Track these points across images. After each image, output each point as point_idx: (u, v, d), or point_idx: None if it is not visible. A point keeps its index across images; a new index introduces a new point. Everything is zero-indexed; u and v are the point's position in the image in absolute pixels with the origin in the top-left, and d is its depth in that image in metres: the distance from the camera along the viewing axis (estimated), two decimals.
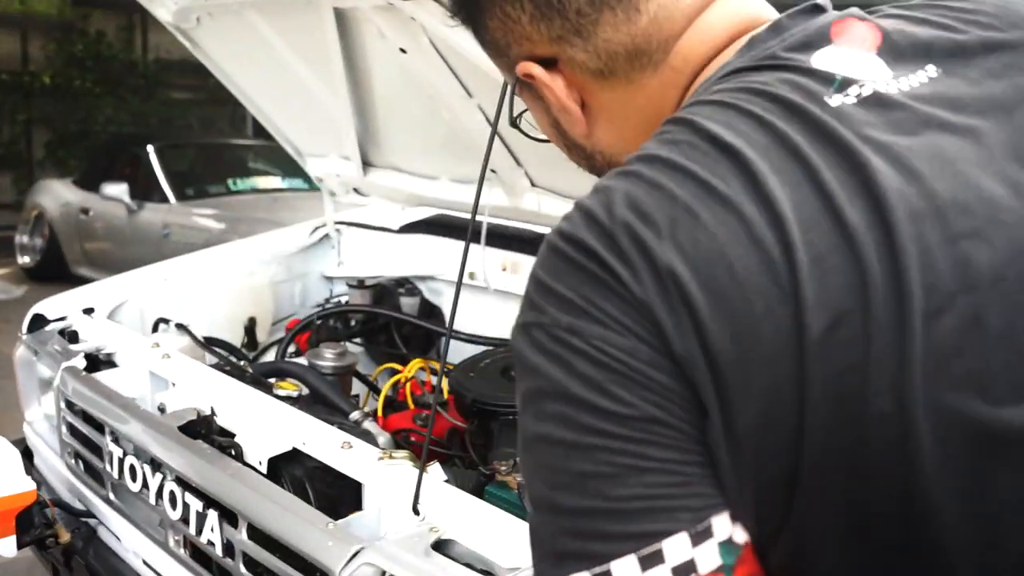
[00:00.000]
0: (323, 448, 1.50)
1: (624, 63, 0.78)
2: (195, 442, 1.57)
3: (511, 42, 0.81)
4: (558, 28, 0.77)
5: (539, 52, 0.80)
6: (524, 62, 0.80)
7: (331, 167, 2.65)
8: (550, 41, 0.79)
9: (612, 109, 0.82)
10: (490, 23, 0.81)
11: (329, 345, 2.10)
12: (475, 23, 0.84)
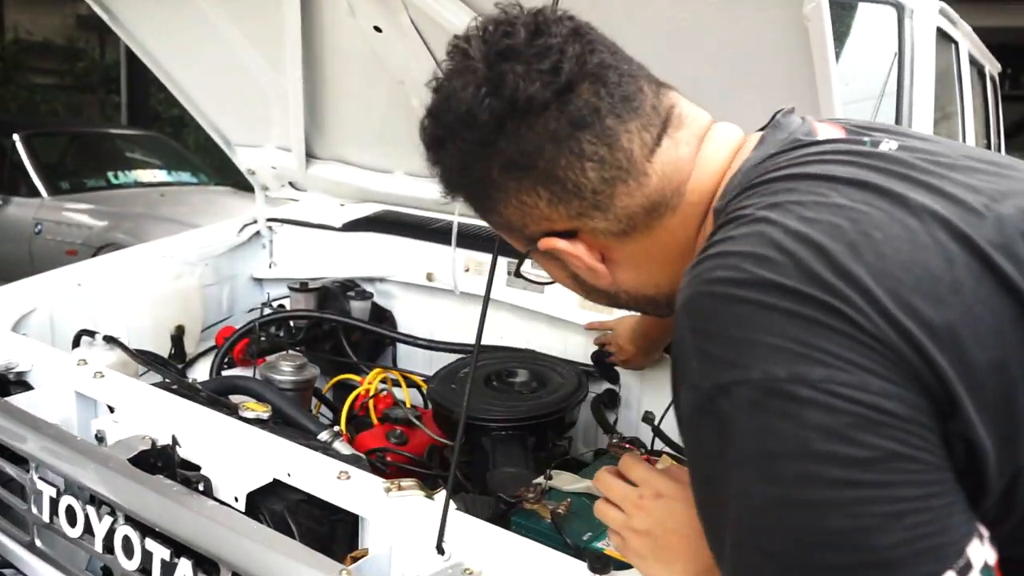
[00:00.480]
0: (314, 479, 1.31)
1: (643, 219, 0.87)
2: (154, 477, 1.34)
3: (528, 223, 0.89)
4: (576, 207, 0.86)
5: (559, 228, 0.88)
6: (546, 238, 0.89)
7: (265, 159, 2.41)
8: (569, 218, 0.87)
9: (636, 256, 0.91)
10: (505, 210, 0.89)
11: (286, 356, 1.89)
12: (484, 210, 0.93)
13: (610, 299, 0.99)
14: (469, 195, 0.94)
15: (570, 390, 1.72)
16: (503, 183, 0.88)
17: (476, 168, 0.89)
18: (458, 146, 0.89)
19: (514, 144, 0.86)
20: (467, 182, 0.92)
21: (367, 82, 1.93)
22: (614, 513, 1.00)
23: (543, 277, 1.09)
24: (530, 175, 0.87)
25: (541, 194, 0.87)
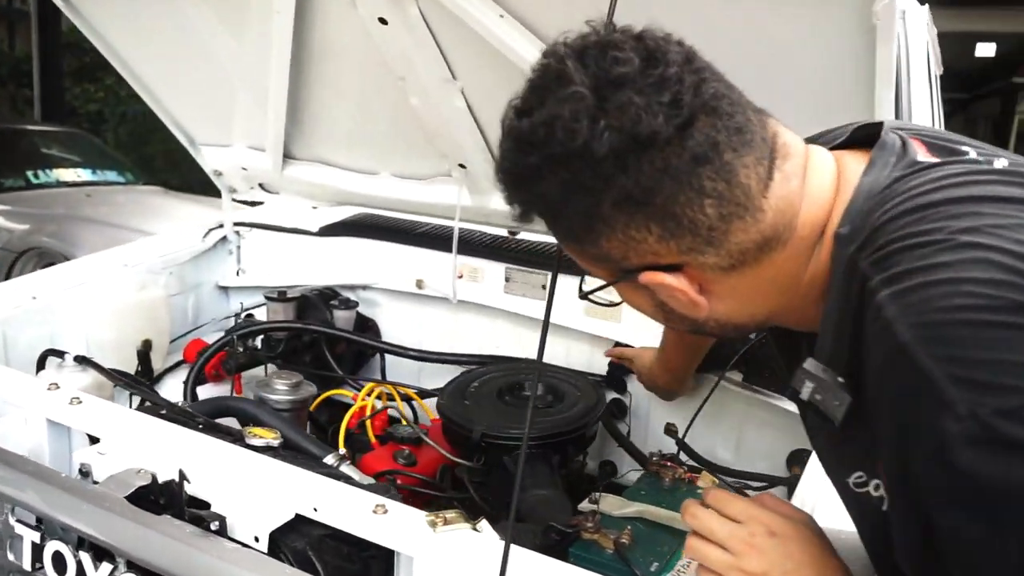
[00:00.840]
0: (346, 514, 1.19)
1: (754, 254, 0.84)
2: (160, 517, 1.19)
3: (630, 256, 0.85)
4: (688, 243, 0.83)
5: (664, 262, 0.84)
6: (650, 272, 0.85)
7: (235, 159, 2.24)
8: (679, 253, 0.84)
9: (739, 289, 0.87)
10: (606, 243, 0.84)
11: (280, 374, 1.75)
12: (579, 241, 0.87)
13: (693, 326, 0.94)
14: (564, 227, 0.87)
15: (591, 403, 1.64)
16: (612, 217, 0.82)
17: (582, 201, 0.82)
18: (562, 178, 0.81)
19: (633, 180, 0.80)
20: (568, 214, 0.85)
21: (361, 78, 1.80)
22: (717, 554, 0.93)
23: (607, 298, 1.01)
24: (644, 210, 0.81)
25: (652, 229, 0.82)
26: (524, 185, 0.85)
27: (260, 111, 2.03)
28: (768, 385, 1.76)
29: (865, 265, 0.78)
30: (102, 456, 1.38)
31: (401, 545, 1.14)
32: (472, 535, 1.13)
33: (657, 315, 0.95)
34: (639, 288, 0.89)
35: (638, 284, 0.88)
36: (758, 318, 0.92)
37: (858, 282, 0.79)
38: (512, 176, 0.86)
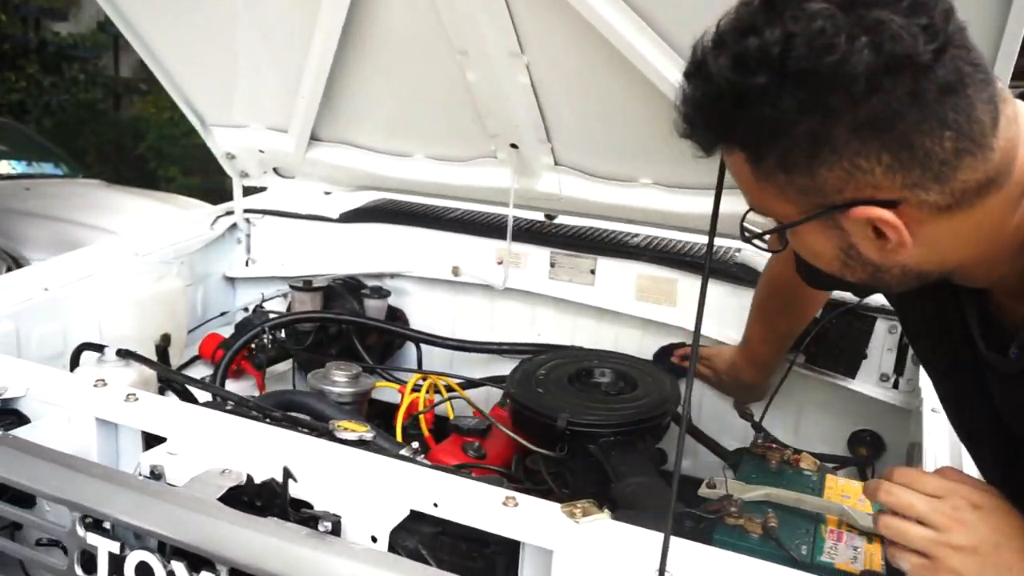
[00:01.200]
0: (472, 508, 1.11)
1: (973, 196, 0.83)
2: (266, 520, 1.09)
3: (843, 187, 0.83)
4: (916, 177, 0.81)
5: (882, 196, 0.82)
6: (864, 207, 0.83)
7: (251, 141, 2.11)
8: (901, 188, 0.82)
9: (943, 234, 0.85)
10: (827, 172, 0.82)
11: (339, 366, 1.64)
12: (791, 168, 0.83)
13: (873, 274, 0.92)
14: (778, 154, 0.83)
15: (667, 389, 1.60)
16: (845, 142, 0.79)
17: (816, 123, 0.79)
18: (798, 97, 0.78)
19: (882, 103, 0.77)
20: (793, 137, 0.81)
21: (409, 55, 1.70)
22: (918, 530, 0.90)
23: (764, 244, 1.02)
24: (882, 137, 0.79)
25: (883, 159, 0.80)
26: (742, 107, 0.81)
27: (287, 89, 1.91)
28: (834, 366, 1.75)
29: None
30: (173, 457, 1.26)
31: (538, 538, 1.07)
32: (615, 525, 1.07)
33: (833, 262, 0.92)
34: (829, 228, 0.87)
35: (830, 224, 0.86)
36: (946, 267, 0.91)
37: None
38: (726, 99, 0.81)
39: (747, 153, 0.86)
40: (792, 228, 0.90)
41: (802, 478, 1.33)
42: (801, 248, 0.95)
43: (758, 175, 0.87)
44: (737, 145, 0.86)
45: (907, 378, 1.71)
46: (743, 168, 0.88)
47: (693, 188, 1.75)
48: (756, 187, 0.88)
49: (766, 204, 0.90)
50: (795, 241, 0.94)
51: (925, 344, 1.16)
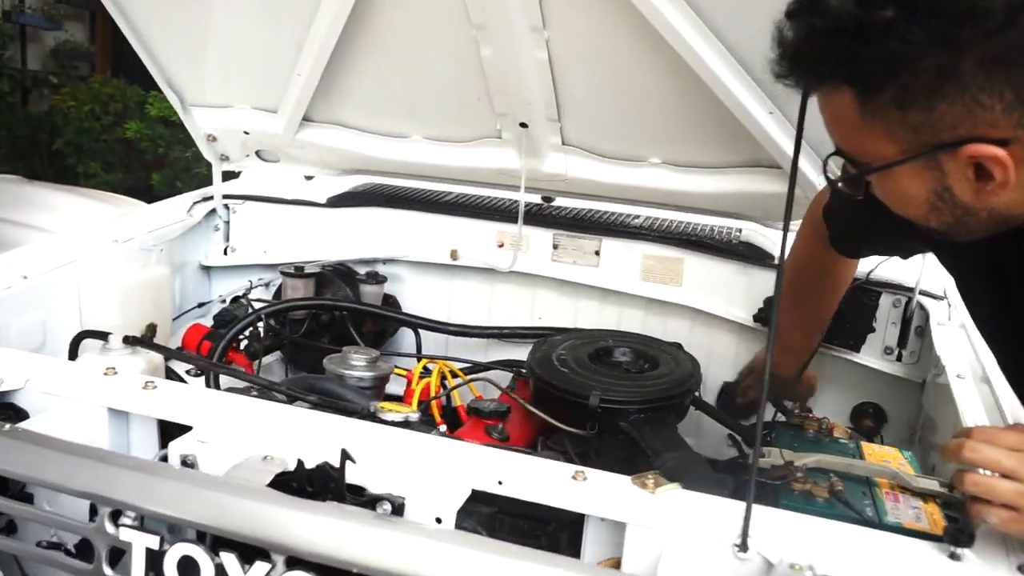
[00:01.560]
0: (539, 484, 1.08)
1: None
2: (327, 504, 1.04)
3: (959, 124, 0.83)
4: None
5: (994, 135, 0.83)
6: (980, 144, 0.83)
7: (235, 122, 2.02)
8: (1014, 126, 0.83)
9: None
10: (947, 107, 0.82)
11: (357, 350, 1.58)
12: (907, 105, 0.83)
13: (962, 218, 0.94)
14: (896, 88, 0.83)
15: (689, 367, 1.60)
16: (970, 77, 0.81)
17: (943, 57, 0.80)
18: (929, 30, 0.79)
19: (1014, 38, 0.79)
20: (916, 72, 0.82)
21: (423, 30, 1.65)
22: (1006, 484, 0.91)
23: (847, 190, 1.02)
24: (1008, 73, 0.81)
25: (1005, 96, 0.82)
26: (865, 42, 0.81)
27: (281, 67, 1.83)
28: (841, 340, 1.79)
29: None
30: (204, 445, 1.19)
31: (611, 511, 1.05)
32: (689, 495, 1.06)
33: (922, 206, 0.94)
34: (928, 169, 0.88)
35: (932, 164, 0.88)
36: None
37: None
38: (846, 34, 0.81)
39: (858, 89, 0.86)
40: (888, 169, 0.91)
41: (840, 446, 1.35)
42: (889, 191, 0.96)
43: (865, 113, 0.87)
44: (849, 81, 0.86)
45: (910, 350, 1.75)
46: (848, 107, 0.88)
47: (703, 167, 1.76)
48: (858, 126, 0.89)
49: (865, 144, 0.91)
50: (885, 184, 0.95)
51: (972, 283, 1.18)
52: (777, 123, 1.57)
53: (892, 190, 0.96)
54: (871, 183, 0.97)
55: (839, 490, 1.11)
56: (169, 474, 1.11)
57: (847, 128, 0.91)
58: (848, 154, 0.96)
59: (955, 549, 0.94)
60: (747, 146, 1.64)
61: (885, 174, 0.93)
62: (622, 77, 1.61)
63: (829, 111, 0.93)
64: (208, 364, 1.46)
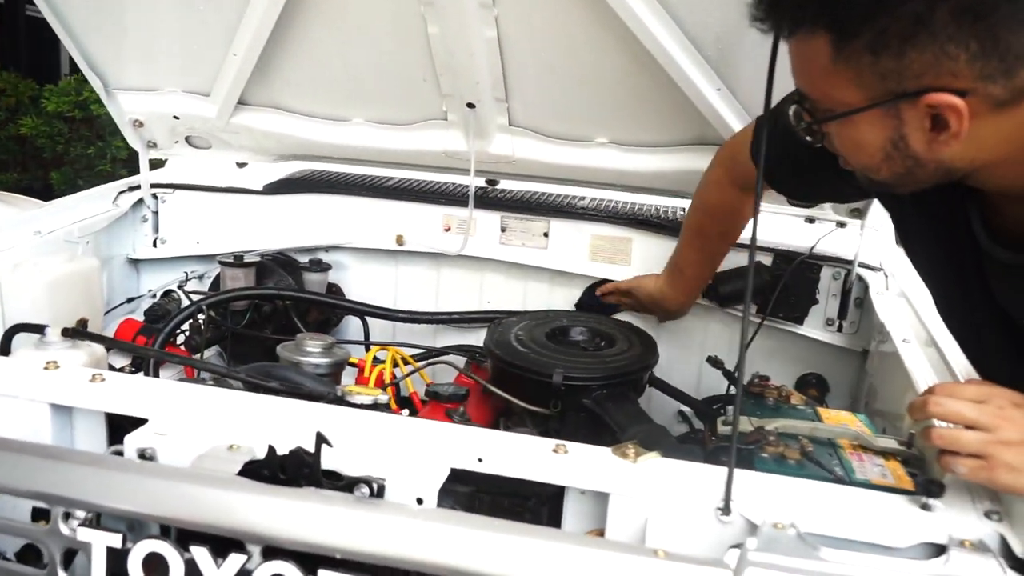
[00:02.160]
0: (519, 460, 1.07)
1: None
2: (305, 490, 1.00)
3: (925, 73, 0.88)
4: (992, 68, 0.87)
5: (956, 85, 0.88)
6: (941, 93, 0.88)
7: (164, 106, 1.93)
8: (974, 79, 0.88)
9: (990, 130, 0.92)
10: (917, 55, 0.87)
11: (311, 336, 1.53)
12: (880, 49, 0.88)
13: (907, 171, 0.99)
14: (875, 32, 0.88)
15: (647, 342, 1.62)
16: (943, 26, 0.85)
17: (920, 8, 0.85)
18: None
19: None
20: (895, 16, 0.86)
21: (368, 8, 1.61)
22: (971, 435, 0.95)
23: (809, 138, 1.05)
24: (976, 24, 0.85)
25: (970, 47, 0.86)
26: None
27: (212, 49, 1.76)
28: (786, 313, 1.84)
29: None
30: (162, 437, 1.13)
31: (594, 482, 1.05)
32: (670, 463, 1.07)
33: (876, 154, 0.98)
34: (888, 117, 0.93)
35: (892, 112, 0.92)
36: (975, 165, 0.98)
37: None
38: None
39: (835, 34, 0.89)
40: (850, 116, 0.95)
41: (800, 411, 1.39)
42: (846, 139, 1.00)
43: (838, 58, 0.91)
44: (829, 25, 0.90)
45: (850, 320, 1.82)
46: (821, 51, 0.91)
47: (650, 146, 1.78)
48: (829, 71, 0.92)
49: (831, 90, 0.95)
50: (843, 131, 0.99)
51: (924, 247, 1.24)
52: (724, 100, 1.60)
53: (849, 137, 0.99)
54: (828, 130, 1.01)
55: (810, 451, 1.14)
56: (131, 468, 1.05)
57: (817, 73, 0.94)
58: (812, 100, 0.99)
59: (927, 500, 0.98)
60: (694, 124, 1.67)
61: (845, 121, 0.97)
62: (571, 55, 1.61)
63: (801, 55, 0.96)
64: (159, 353, 1.38)
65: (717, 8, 1.45)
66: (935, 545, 0.95)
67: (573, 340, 1.65)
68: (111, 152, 5.73)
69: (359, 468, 1.06)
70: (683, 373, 1.93)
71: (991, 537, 0.95)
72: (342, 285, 2.07)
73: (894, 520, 0.98)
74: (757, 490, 1.02)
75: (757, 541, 0.94)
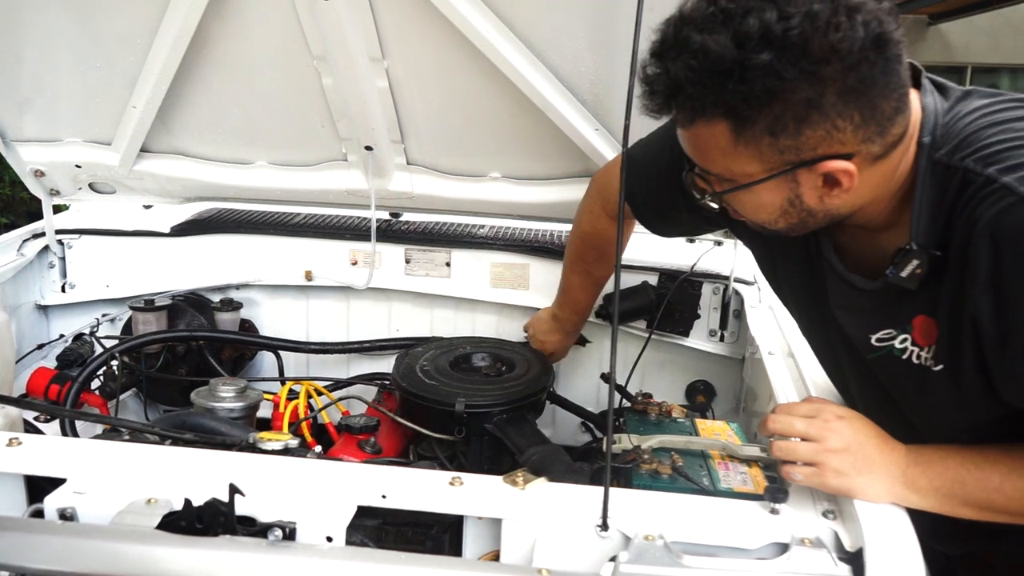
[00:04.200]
0: (421, 493, 1.18)
1: (892, 147, 1.02)
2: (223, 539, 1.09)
3: (818, 146, 0.98)
4: (871, 131, 0.98)
5: (844, 151, 0.98)
6: (835, 160, 0.98)
7: (66, 156, 1.95)
8: (858, 141, 0.98)
9: (868, 181, 1.03)
10: (811, 132, 0.97)
11: (225, 381, 1.60)
12: (777, 132, 0.96)
13: (806, 221, 1.08)
14: (771, 118, 0.96)
15: (542, 366, 1.74)
16: (831, 105, 0.94)
17: (812, 90, 0.93)
18: (799, 69, 0.92)
19: (865, 72, 0.93)
20: (789, 103, 0.94)
21: (263, 61, 1.68)
22: (803, 447, 1.10)
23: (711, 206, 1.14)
24: (858, 100, 0.95)
25: (855, 118, 0.96)
26: (743, 80, 0.92)
27: (111, 102, 1.80)
28: (672, 328, 1.99)
29: (968, 163, 0.98)
30: (81, 496, 1.19)
31: (488, 510, 1.17)
32: (554, 486, 1.19)
33: (774, 212, 1.07)
34: (786, 182, 1.02)
35: (790, 178, 1.01)
36: (853, 209, 1.08)
37: (958, 176, 0.99)
38: (726, 73, 0.93)
39: (733, 120, 0.97)
40: (752, 186, 1.04)
41: (678, 425, 1.54)
42: (746, 202, 1.08)
43: (738, 140, 0.99)
44: (727, 115, 0.97)
45: (730, 331, 1.99)
46: (721, 136, 0.99)
47: (539, 179, 1.90)
48: (729, 152, 1.00)
49: (733, 166, 1.03)
50: (745, 197, 1.07)
51: (787, 277, 1.35)
52: (603, 138, 1.73)
53: (749, 201, 1.08)
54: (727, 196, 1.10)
55: (680, 466, 1.28)
56: (51, 529, 1.11)
57: (718, 153, 1.02)
58: (712, 175, 1.07)
59: (774, 505, 1.13)
60: (578, 159, 1.80)
61: (749, 190, 1.05)
62: (460, 101, 1.71)
63: (700, 140, 1.04)
64: (74, 414, 1.43)
65: (590, 58, 1.58)
66: (781, 544, 1.10)
67: (475, 367, 1.76)
68: (9, 175, 5.56)
69: (271, 513, 1.15)
70: (585, 388, 2.07)
71: (827, 534, 1.09)
72: (255, 321, 2.13)
73: (747, 525, 1.11)
74: (632, 506, 1.15)
75: (628, 553, 1.07)
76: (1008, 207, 0.93)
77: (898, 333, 1.12)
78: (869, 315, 1.16)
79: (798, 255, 1.26)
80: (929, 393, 1.11)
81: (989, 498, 1.04)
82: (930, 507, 1.08)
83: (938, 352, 1.08)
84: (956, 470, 1.06)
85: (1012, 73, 12.93)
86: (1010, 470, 1.03)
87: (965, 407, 1.08)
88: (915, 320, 1.09)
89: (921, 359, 1.11)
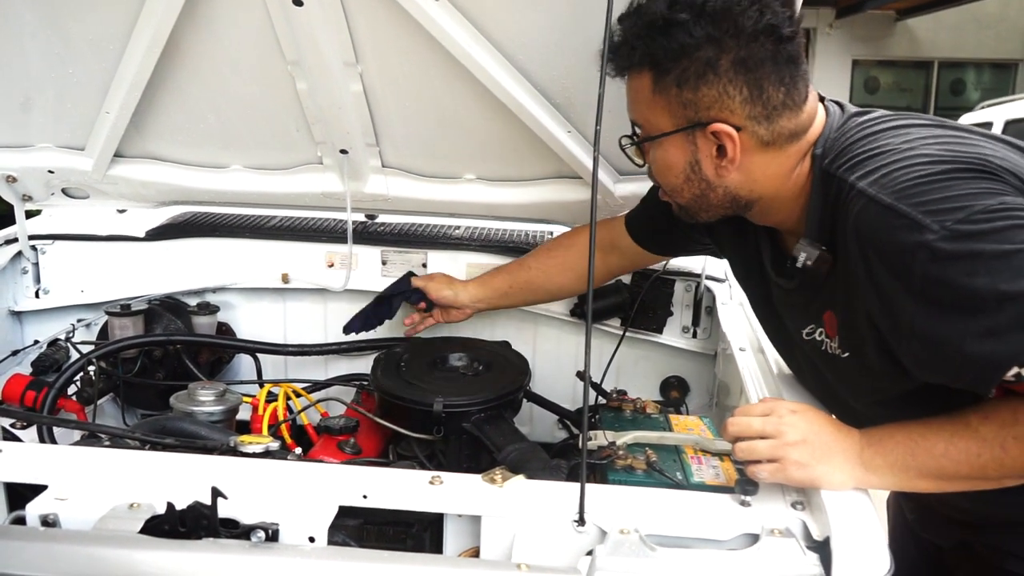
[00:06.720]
0: (401, 492, 1.20)
1: (784, 141, 1.17)
2: (205, 541, 1.10)
3: (711, 106, 1.14)
4: (757, 111, 1.14)
5: (732, 121, 1.15)
6: (721, 124, 1.14)
7: (38, 161, 1.94)
8: (744, 117, 1.14)
9: (757, 165, 1.18)
10: (707, 90, 1.13)
11: (204, 385, 1.61)
12: (682, 82, 1.14)
13: (703, 191, 1.23)
14: (680, 69, 1.13)
15: (520, 363, 1.77)
16: (724, 71, 1.12)
17: (712, 53, 1.11)
18: (708, 33, 1.11)
19: (755, 51, 1.12)
20: (694, 59, 1.12)
21: (237, 67, 1.68)
22: (762, 444, 1.14)
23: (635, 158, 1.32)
24: (748, 75, 1.12)
25: (743, 91, 1.13)
26: (666, 34, 1.12)
27: (84, 107, 1.80)
28: (647, 325, 2.03)
29: (840, 172, 1.12)
30: (63, 502, 1.20)
31: (467, 507, 1.19)
32: (532, 483, 1.22)
33: (679, 175, 1.23)
34: (687, 143, 1.18)
35: (689, 138, 1.17)
36: (752, 196, 1.23)
37: (835, 184, 1.12)
38: (656, 28, 1.13)
39: (654, 71, 1.15)
40: (661, 139, 1.20)
41: (652, 421, 1.57)
42: (659, 160, 1.24)
43: (656, 89, 1.16)
44: (650, 64, 1.15)
45: (702, 327, 2.03)
46: (645, 85, 1.17)
47: (514, 180, 1.93)
48: (649, 100, 1.18)
49: (650, 117, 1.20)
50: (658, 153, 1.23)
51: (741, 274, 1.49)
52: (575, 140, 1.76)
53: (660, 158, 1.23)
54: (649, 153, 1.26)
55: (654, 461, 1.31)
56: (34, 536, 1.12)
57: (642, 103, 1.20)
58: (639, 126, 1.24)
59: (744, 497, 1.17)
60: (551, 161, 1.83)
61: (658, 145, 1.21)
62: (434, 104, 1.73)
63: (632, 89, 1.21)
64: (52, 420, 1.43)
65: (561, 62, 1.61)
66: (751, 535, 1.14)
67: (453, 367, 1.78)
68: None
69: (254, 515, 1.17)
70: (562, 385, 2.10)
71: (796, 524, 1.13)
72: (232, 324, 2.14)
73: (719, 517, 1.15)
74: (608, 501, 1.18)
75: (605, 547, 1.10)
76: (863, 208, 1.05)
77: (816, 327, 1.25)
78: (798, 311, 1.29)
79: (753, 263, 1.40)
80: (845, 377, 1.24)
81: (939, 464, 1.09)
82: (890, 485, 1.14)
83: (841, 342, 1.20)
84: (905, 443, 1.11)
85: (977, 68, 13.16)
86: (952, 434, 1.08)
87: (877, 387, 1.20)
88: (824, 315, 1.23)
89: (831, 349, 1.23)
